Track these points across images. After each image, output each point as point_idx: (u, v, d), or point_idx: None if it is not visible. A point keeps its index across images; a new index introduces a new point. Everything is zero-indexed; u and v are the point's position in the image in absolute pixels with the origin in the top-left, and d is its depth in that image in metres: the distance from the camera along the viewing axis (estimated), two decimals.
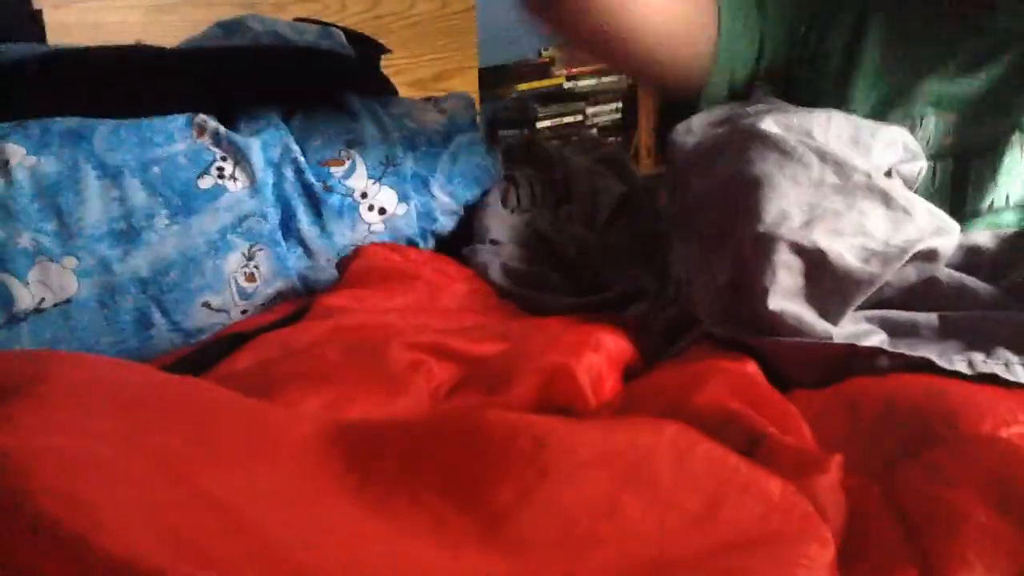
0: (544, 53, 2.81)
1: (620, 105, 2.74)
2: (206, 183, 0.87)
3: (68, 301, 0.82)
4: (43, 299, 0.81)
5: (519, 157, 1.09)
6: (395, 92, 1.07)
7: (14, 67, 0.90)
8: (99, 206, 0.83)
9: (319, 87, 0.96)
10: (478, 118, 1.05)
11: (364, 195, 0.92)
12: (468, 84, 2.34)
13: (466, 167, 0.98)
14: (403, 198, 0.95)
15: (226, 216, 0.86)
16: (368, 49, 1.06)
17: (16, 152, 0.83)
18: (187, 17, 1.77)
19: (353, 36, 1.07)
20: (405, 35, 2.17)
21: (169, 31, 1.72)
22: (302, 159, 0.89)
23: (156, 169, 0.86)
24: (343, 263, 0.87)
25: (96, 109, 0.88)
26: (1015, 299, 0.65)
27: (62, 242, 0.82)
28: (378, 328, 0.72)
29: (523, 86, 2.56)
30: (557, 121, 2.52)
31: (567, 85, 2.61)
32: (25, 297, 0.81)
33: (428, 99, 1.04)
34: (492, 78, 2.51)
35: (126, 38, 1.64)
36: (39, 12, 1.53)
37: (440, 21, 2.27)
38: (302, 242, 0.90)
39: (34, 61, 0.90)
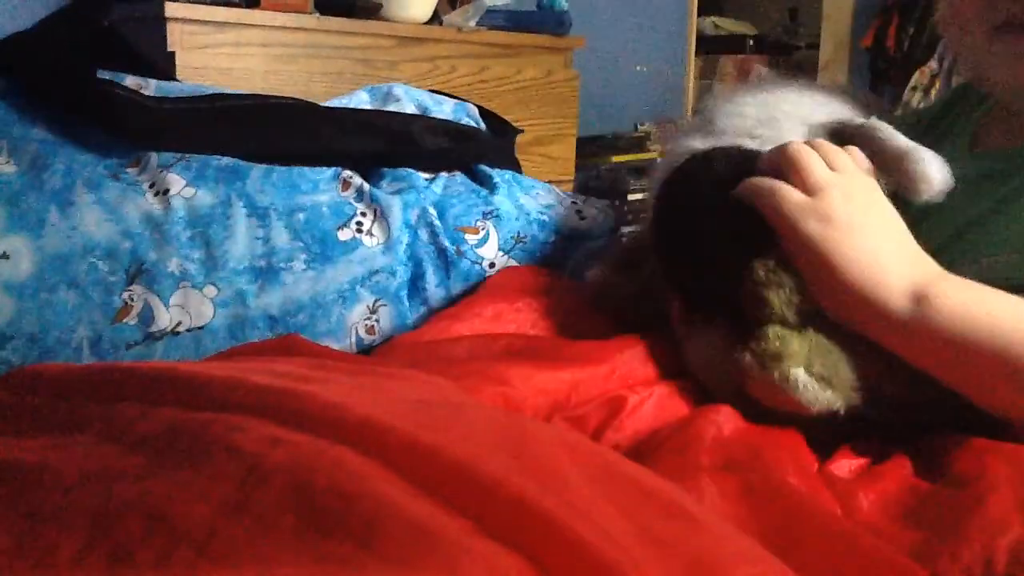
0: (640, 128, 2.86)
1: None
2: (344, 235, 0.91)
3: (202, 328, 0.87)
4: (180, 322, 0.86)
5: None
6: (520, 170, 1.11)
7: (180, 103, 0.96)
8: (244, 242, 0.88)
9: (460, 159, 1.00)
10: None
11: (492, 265, 0.96)
12: (566, 150, 2.40)
13: None
14: None
15: (358, 269, 0.90)
16: (504, 128, 1.11)
17: (177, 182, 0.89)
18: (305, 68, 1.87)
19: (485, 113, 1.12)
20: (510, 99, 2.24)
21: (288, 80, 1.82)
22: (438, 223, 0.93)
23: (300, 215, 0.90)
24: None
25: (250, 152, 0.93)
26: None
27: (206, 271, 0.87)
28: None
29: (617, 158, 2.60)
30: (648, 195, 2.56)
31: (660, 160, 2.65)
32: (164, 318, 0.85)
33: (567, 196, 1.08)
34: (588, 147, 2.56)
35: (251, 84, 1.74)
36: (172, 54, 1.63)
37: (545, 89, 2.34)
38: (426, 301, 0.93)
39: (201, 100, 0.95)
